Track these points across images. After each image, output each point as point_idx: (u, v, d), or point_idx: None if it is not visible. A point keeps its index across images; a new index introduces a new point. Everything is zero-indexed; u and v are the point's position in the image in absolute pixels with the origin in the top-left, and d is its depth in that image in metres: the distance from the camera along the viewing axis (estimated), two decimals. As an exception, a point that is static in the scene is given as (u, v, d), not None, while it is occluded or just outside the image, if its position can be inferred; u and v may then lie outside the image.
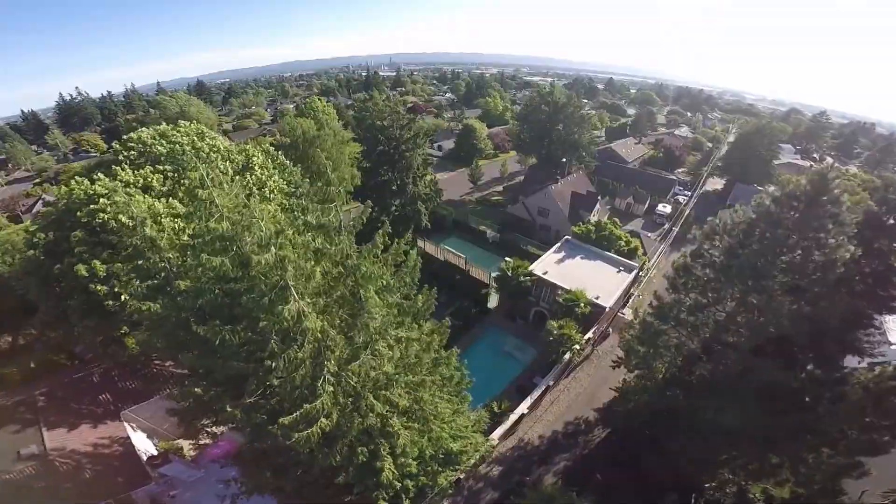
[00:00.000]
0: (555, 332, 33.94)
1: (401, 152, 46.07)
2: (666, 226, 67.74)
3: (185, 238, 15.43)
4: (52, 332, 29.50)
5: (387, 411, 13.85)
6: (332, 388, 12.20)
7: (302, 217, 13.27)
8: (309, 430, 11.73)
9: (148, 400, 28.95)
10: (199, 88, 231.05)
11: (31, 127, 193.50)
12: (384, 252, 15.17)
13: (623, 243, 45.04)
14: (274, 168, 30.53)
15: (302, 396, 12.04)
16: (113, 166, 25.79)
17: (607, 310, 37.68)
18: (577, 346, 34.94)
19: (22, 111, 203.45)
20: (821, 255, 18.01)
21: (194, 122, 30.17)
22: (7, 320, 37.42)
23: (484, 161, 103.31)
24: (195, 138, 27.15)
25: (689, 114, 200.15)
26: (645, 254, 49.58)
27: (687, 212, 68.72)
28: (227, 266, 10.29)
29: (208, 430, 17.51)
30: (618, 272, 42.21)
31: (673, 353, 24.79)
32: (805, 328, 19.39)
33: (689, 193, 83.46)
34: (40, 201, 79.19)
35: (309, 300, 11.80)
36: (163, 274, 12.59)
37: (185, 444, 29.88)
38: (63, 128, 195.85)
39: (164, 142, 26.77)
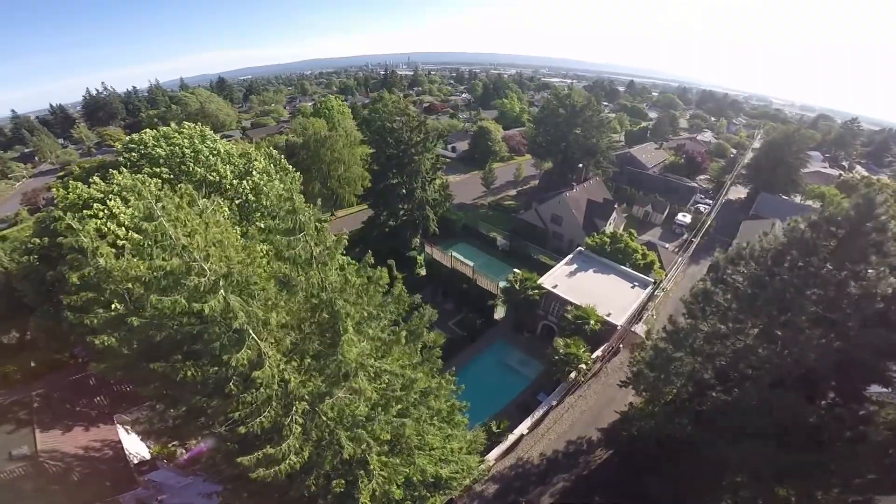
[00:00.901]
0: (561, 350, 32.35)
1: (409, 156, 44.86)
2: (685, 236, 65.12)
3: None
4: (48, 337, 29.26)
5: (364, 448, 12.64)
6: (300, 428, 11.13)
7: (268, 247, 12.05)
8: (276, 468, 10.84)
9: (144, 403, 28.50)
10: (221, 85, 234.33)
11: (58, 120, 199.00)
12: (369, 280, 13.82)
13: (639, 257, 43.01)
14: (277, 172, 29.68)
15: (267, 436, 11.00)
16: (111, 169, 25.24)
17: (619, 328, 35.90)
18: (584, 366, 33.29)
19: (50, 105, 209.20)
20: (858, 287, 16.14)
21: (199, 123, 29.51)
22: (17, 316, 37.65)
23: (498, 164, 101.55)
24: (196, 141, 26.41)
25: (712, 118, 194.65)
26: (662, 267, 47.37)
27: (708, 222, 65.89)
28: (181, 304, 9.25)
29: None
30: (632, 287, 40.33)
31: (684, 380, 23.28)
32: (831, 361, 17.72)
33: (711, 202, 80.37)
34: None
35: (272, 340, 10.70)
36: (120, 306, 11.62)
37: (181, 449, 29.38)
38: (89, 122, 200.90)
39: (164, 143, 26.10)
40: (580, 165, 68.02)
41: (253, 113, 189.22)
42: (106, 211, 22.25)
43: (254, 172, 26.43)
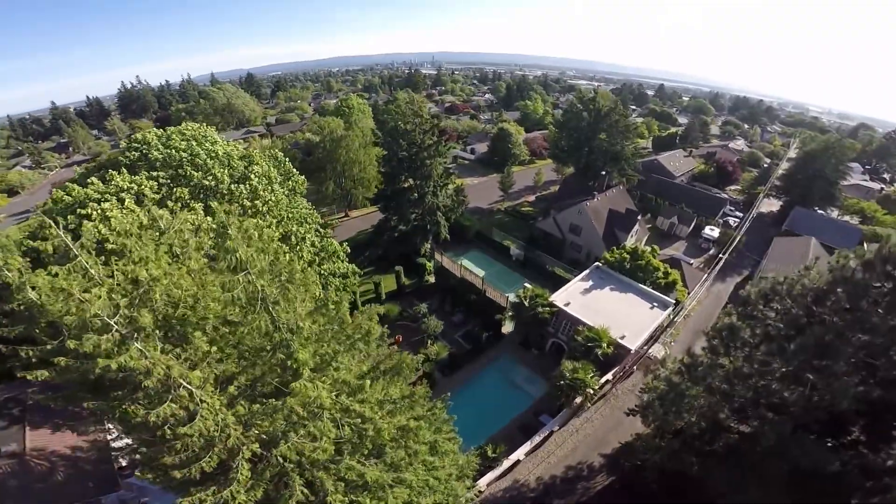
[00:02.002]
0: (567, 374, 30.34)
1: (422, 159, 43.33)
2: (712, 251, 61.63)
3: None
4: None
5: (328, 488, 11.17)
6: (248, 473, 9.75)
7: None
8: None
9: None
10: (249, 81, 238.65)
11: (94, 112, 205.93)
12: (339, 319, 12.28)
13: (660, 275, 40.38)
14: (280, 175, 28.68)
15: (213, 476, 9.68)
16: (110, 170, 24.66)
17: (632, 352, 33.62)
18: (591, 391, 31.25)
19: (87, 97, 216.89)
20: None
21: (204, 124, 28.79)
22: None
23: (518, 167, 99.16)
24: (194, 143, 25.56)
25: (745, 125, 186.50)
26: (685, 285, 44.54)
27: (738, 237, 62.16)
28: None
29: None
30: (651, 308, 37.81)
31: (696, 416, 21.69)
32: (866, 408, 15.76)
33: (741, 215, 76.18)
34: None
35: (211, 388, 9.30)
36: (51, 343, 10.48)
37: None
38: (123, 114, 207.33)
39: (160, 146, 25.32)
40: (603, 173, 65.30)
41: (278, 109, 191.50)
42: (100, 212, 21.52)
43: (252, 176, 25.42)
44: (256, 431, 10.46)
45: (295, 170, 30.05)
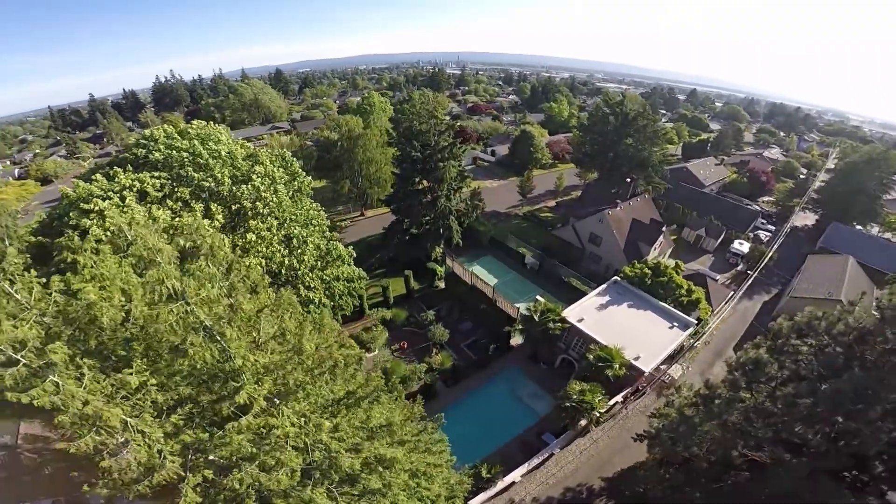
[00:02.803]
0: (574, 396, 28.66)
1: (435, 161, 42.06)
2: (740, 267, 58.36)
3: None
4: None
5: None
6: (197, 498, 8.77)
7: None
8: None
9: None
10: (277, 77, 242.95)
11: (129, 105, 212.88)
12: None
13: (683, 293, 38.06)
14: (285, 174, 27.94)
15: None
16: (115, 167, 24.42)
17: (646, 374, 31.63)
18: (597, 413, 29.55)
19: (123, 89, 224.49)
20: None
21: (211, 122, 28.34)
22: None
23: (539, 171, 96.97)
24: (197, 143, 25.06)
25: (781, 133, 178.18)
26: (709, 303, 41.93)
27: (769, 253, 58.67)
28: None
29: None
30: (670, 328, 35.60)
31: (705, 450, 20.03)
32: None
33: (774, 229, 72.18)
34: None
35: (150, 417, 8.36)
36: None
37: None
38: (156, 107, 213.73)
39: (161, 147, 24.91)
40: (628, 180, 62.60)
41: (304, 106, 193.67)
42: (98, 210, 21.13)
43: (254, 177, 24.72)
44: (212, 457, 9.53)
45: (301, 170, 29.18)
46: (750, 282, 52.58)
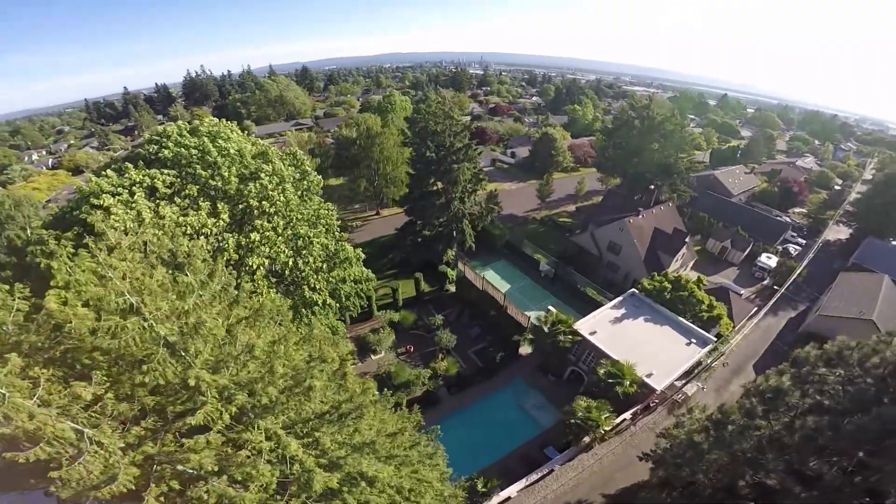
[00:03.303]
0: (579, 413, 27.39)
1: (449, 163, 41.12)
2: (766, 281, 55.57)
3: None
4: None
5: None
6: None
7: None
8: None
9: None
10: (304, 74, 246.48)
11: (160, 98, 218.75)
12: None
13: (704, 308, 36.16)
14: (294, 173, 27.52)
15: None
16: (126, 163, 24.41)
17: (658, 392, 30.07)
18: (603, 431, 28.26)
19: (156, 84, 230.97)
20: None
21: (223, 120, 28.15)
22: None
23: (560, 174, 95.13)
24: (206, 140, 24.84)
25: (816, 142, 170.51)
26: (731, 319, 39.82)
27: (799, 269, 55.71)
28: None
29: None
30: (687, 344, 33.88)
31: (711, 478, 18.95)
32: None
33: (804, 242, 68.62)
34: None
35: (109, 429, 7.78)
36: None
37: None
38: (186, 101, 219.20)
39: (171, 145, 24.78)
40: (652, 187, 60.47)
41: (328, 103, 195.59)
42: (104, 206, 21.00)
43: (262, 175, 24.33)
44: (180, 468, 8.90)
45: (310, 169, 28.72)
46: (775, 297, 49.96)
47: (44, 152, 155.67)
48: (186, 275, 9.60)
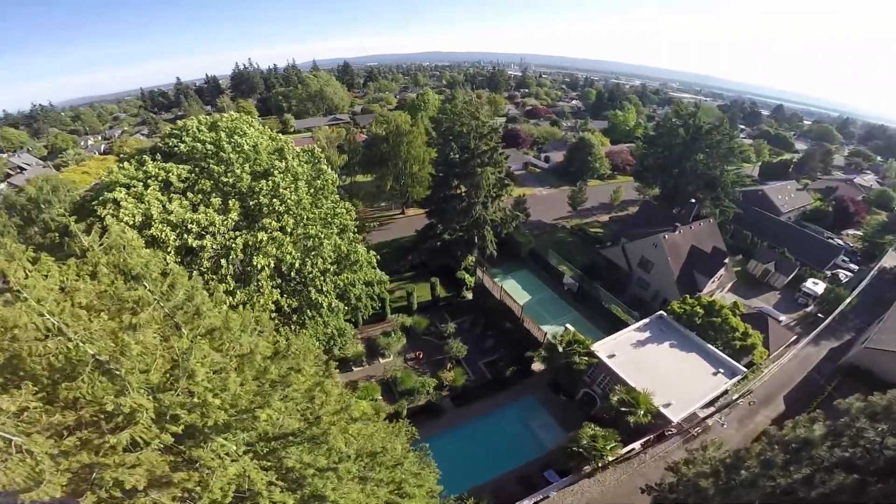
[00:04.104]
0: (584, 441, 25.63)
1: (472, 167, 39.65)
2: (810, 308, 51.10)
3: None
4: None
5: None
6: None
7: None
8: None
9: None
10: (344, 70, 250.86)
11: (210, 89, 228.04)
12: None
13: (738, 336, 33.23)
14: (312, 171, 27.01)
15: None
16: (144, 156, 24.59)
17: (673, 424, 27.75)
18: (607, 460, 26.51)
19: (206, 75, 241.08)
20: None
21: (241, 114, 28.17)
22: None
23: (595, 182, 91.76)
24: (223, 136, 24.72)
25: (878, 158, 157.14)
26: (766, 347, 36.50)
27: (850, 299, 50.85)
28: None
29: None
30: (714, 374, 31.24)
31: None
32: None
33: (857, 268, 62.70)
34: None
35: (41, 438, 7.21)
36: None
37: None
38: (233, 93, 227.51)
39: (188, 139, 24.76)
40: (693, 200, 56.51)
41: (366, 99, 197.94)
42: (113, 201, 21.06)
43: (275, 173, 23.88)
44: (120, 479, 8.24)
45: (326, 167, 28.12)
46: (821, 327, 45.84)
47: (99, 138, 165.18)
48: (145, 286, 8.89)
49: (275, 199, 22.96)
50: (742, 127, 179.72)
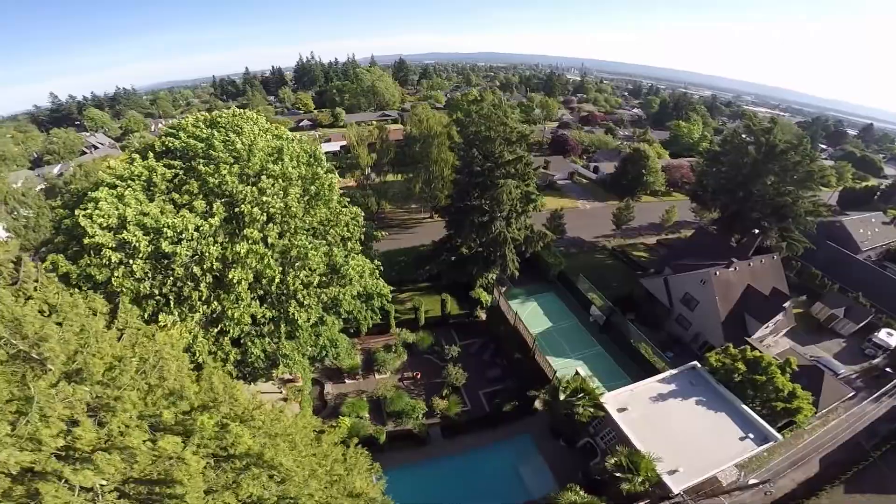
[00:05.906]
0: None
1: (495, 177, 36.03)
2: (877, 360, 43.29)
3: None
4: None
5: None
6: None
7: None
8: None
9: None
10: (400, 66, 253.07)
11: (274, 80, 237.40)
12: None
13: (781, 396, 27.64)
14: (307, 172, 24.97)
15: None
16: (132, 153, 23.59)
17: (673, 494, 23.25)
18: None
19: (272, 66, 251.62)
20: None
21: (246, 111, 26.75)
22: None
23: (648, 198, 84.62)
24: (217, 133, 23.20)
25: None
26: (815, 405, 30.29)
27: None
28: None
29: None
30: (741, 438, 26.34)
31: None
32: None
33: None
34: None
35: None
36: None
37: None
38: (296, 85, 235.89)
39: (182, 135, 23.40)
40: (756, 231, 49.17)
41: (418, 96, 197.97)
42: (94, 200, 19.98)
43: (263, 177, 22.01)
44: None
45: (322, 171, 25.93)
46: (888, 387, 38.61)
47: (171, 121, 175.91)
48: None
49: (255, 209, 21.04)
50: (823, 147, 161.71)
